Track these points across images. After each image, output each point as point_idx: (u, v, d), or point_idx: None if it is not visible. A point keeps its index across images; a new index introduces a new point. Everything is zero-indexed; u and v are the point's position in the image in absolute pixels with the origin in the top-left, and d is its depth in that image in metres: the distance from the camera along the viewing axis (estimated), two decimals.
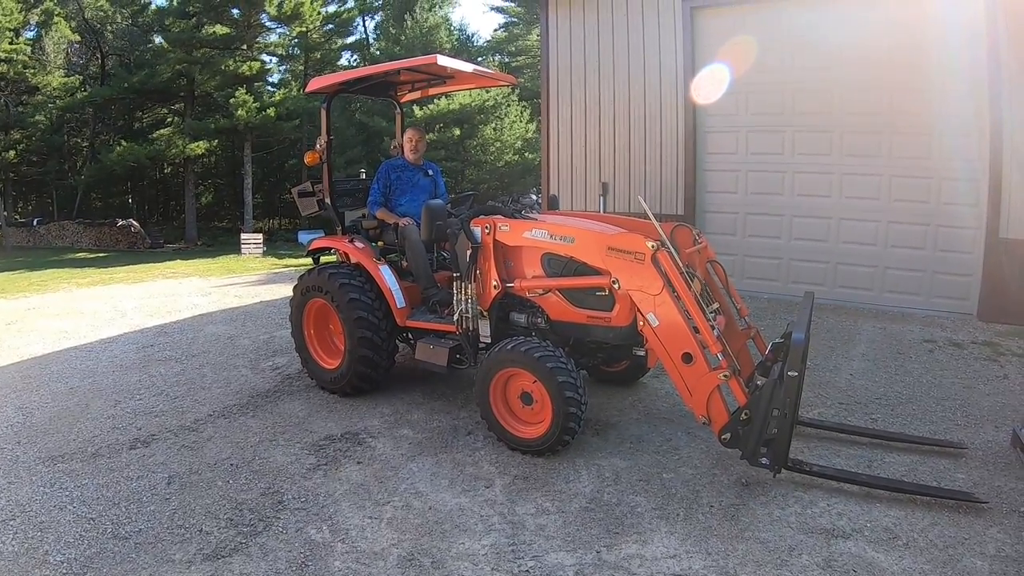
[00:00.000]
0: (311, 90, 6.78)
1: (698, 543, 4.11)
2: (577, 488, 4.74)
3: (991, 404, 6.32)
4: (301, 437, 5.60)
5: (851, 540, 4.16)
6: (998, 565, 3.96)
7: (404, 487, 4.77)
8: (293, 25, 37.58)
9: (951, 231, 9.23)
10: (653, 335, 4.82)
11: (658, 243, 4.81)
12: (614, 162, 11.40)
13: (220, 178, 46.09)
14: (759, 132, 10.32)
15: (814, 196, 10.00)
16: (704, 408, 4.69)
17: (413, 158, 6.90)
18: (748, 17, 10.29)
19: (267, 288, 12.67)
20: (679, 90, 10.70)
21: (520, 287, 5.50)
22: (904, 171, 9.43)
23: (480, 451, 5.32)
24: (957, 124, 9.05)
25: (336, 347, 6.65)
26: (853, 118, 9.65)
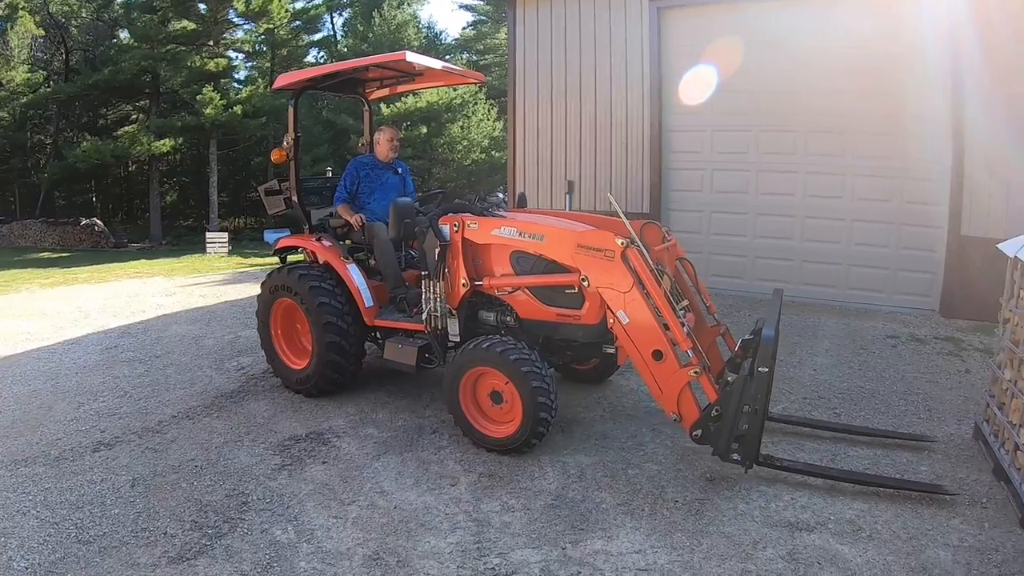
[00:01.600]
0: (278, 86, 6.69)
1: (663, 538, 4.13)
2: (542, 485, 4.74)
3: (953, 398, 6.41)
4: (266, 437, 5.56)
5: (815, 533, 4.21)
6: (961, 555, 4.03)
7: (369, 486, 4.75)
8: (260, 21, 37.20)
9: (914, 229, 9.38)
10: (623, 332, 4.81)
11: (628, 240, 4.81)
12: (580, 160, 11.44)
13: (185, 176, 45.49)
14: (725, 131, 10.41)
15: (779, 195, 10.10)
16: (675, 405, 4.70)
17: (388, 156, 6.81)
18: (715, 18, 10.37)
19: (232, 288, 12.55)
20: (645, 89, 10.75)
21: (489, 285, 5.46)
22: (868, 171, 9.57)
23: (445, 449, 5.31)
24: (920, 125, 9.21)
25: (304, 347, 6.57)
26: (818, 118, 9.76)
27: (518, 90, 11.97)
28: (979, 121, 8.81)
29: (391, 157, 6.84)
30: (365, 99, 7.67)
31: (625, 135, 10.98)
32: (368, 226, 6.28)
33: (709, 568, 3.86)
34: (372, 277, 6.33)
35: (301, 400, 6.30)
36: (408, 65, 6.22)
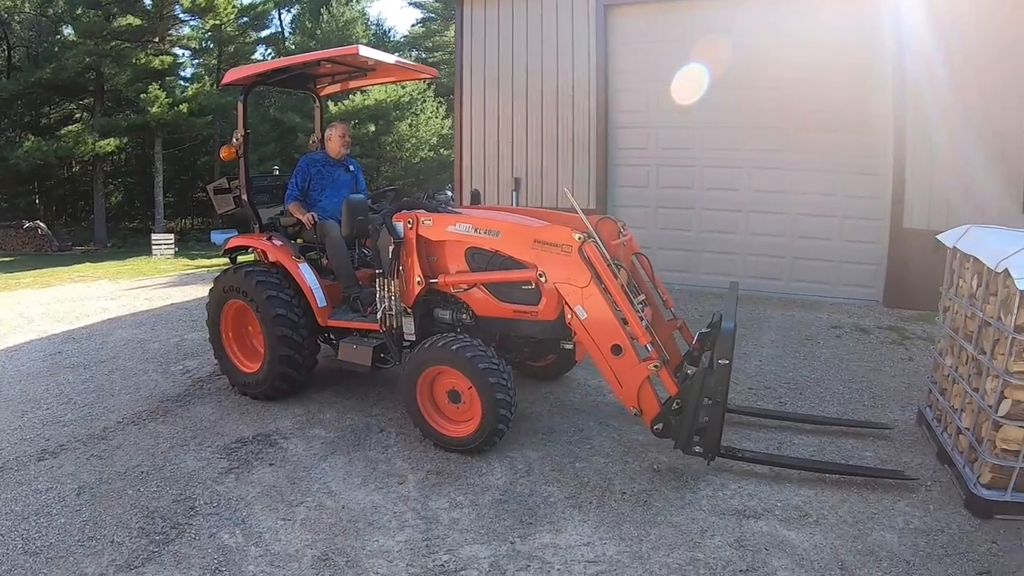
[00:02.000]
0: (227, 82, 6.56)
1: (611, 529, 4.16)
2: (490, 481, 4.75)
3: (897, 385, 6.55)
4: (212, 441, 5.49)
5: (762, 520, 4.28)
6: (907, 537, 4.13)
7: (317, 487, 4.72)
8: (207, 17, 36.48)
9: (857, 222, 9.59)
10: (582, 328, 4.80)
11: (585, 235, 4.79)
12: (527, 157, 11.48)
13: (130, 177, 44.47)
14: (669, 128, 10.54)
15: (724, 190, 10.26)
16: (635, 399, 4.70)
17: (340, 153, 6.72)
18: (660, 16, 10.49)
19: (178, 290, 12.37)
20: (592, 86, 10.84)
21: (444, 283, 5.42)
22: (811, 165, 9.78)
23: (393, 448, 5.29)
24: (862, 121, 9.48)
25: (255, 349, 6.45)
26: (762, 115, 9.94)
27: (465, 87, 11.97)
28: (920, 116, 9.09)
29: (343, 154, 6.75)
30: (316, 95, 7.56)
31: (571, 132, 11.04)
32: (320, 224, 6.20)
33: (658, 557, 3.90)
34: (324, 276, 6.23)
35: (248, 402, 6.22)
36: (361, 60, 6.16)
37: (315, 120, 7.76)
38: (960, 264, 5.29)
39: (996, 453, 4.31)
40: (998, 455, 4.30)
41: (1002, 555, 4.01)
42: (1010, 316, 4.25)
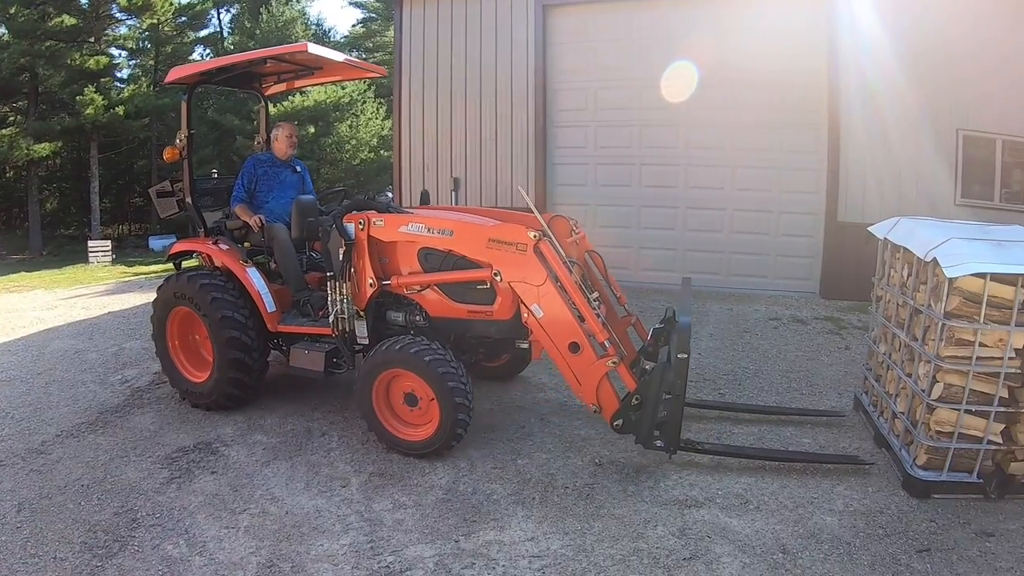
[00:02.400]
0: (171, 80, 6.28)
1: (555, 524, 4.19)
2: (433, 480, 4.75)
3: (834, 373, 6.70)
4: (153, 451, 5.39)
5: (704, 508, 4.35)
6: (846, 519, 4.26)
7: (260, 493, 4.68)
8: (144, 17, 35.55)
9: (793, 217, 9.82)
10: (538, 326, 4.78)
11: (540, 233, 4.76)
12: (466, 157, 11.48)
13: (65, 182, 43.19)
14: (608, 127, 10.65)
15: (662, 187, 10.40)
16: (594, 396, 4.70)
17: (287, 154, 6.54)
18: (599, 16, 10.59)
19: (116, 298, 12.09)
20: (531, 86, 10.88)
21: (397, 284, 5.32)
22: (748, 162, 9.99)
23: (335, 451, 5.26)
24: (797, 118, 9.73)
25: (203, 358, 6.24)
26: (699, 113, 10.10)
27: (404, 88, 11.89)
28: (854, 113, 9.39)
29: (289, 154, 6.58)
30: (261, 94, 7.33)
31: (511, 132, 11.08)
32: (268, 227, 6.04)
33: (601, 550, 3.94)
34: (273, 281, 6.07)
35: (188, 410, 6.12)
36: (309, 58, 6.03)
37: (260, 120, 7.54)
38: (891, 255, 5.45)
39: (931, 435, 4.47)
40: (933, 437, 4.47)
41: (940, 533, 4.16)
42: (940, 303, 4.40)
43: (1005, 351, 4.30)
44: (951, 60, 9.23)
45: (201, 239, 6.40)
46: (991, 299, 4.26)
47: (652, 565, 3.82)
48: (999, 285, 4.25)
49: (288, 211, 6.03)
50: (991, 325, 4.29)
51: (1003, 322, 4.28)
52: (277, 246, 5.98)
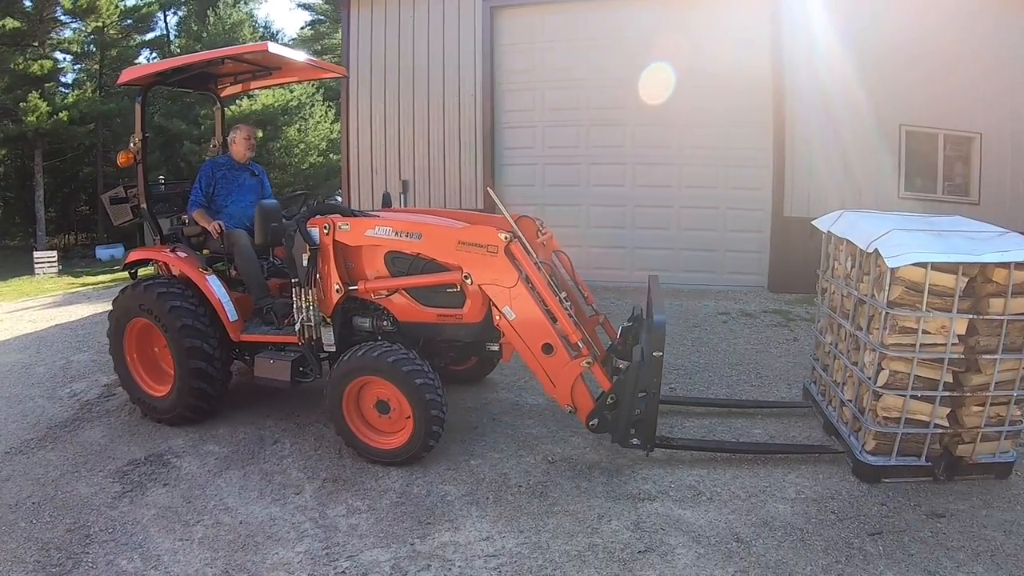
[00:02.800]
0: (124, 81, 6.05)
1: (509, 523, 4.21)
2: (386, 484, 4.73)
3: (783, 365, 6.80)
4: (104, 465, 5.29)
5: (657, 501, 4.40)
6: (799, 507, 4.34)
7: (213, 504, 4.62)
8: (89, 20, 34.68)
9: (740, 213, 9.99)
10: (511, 328, 4.73)
11: (511, 235, 4.71)
12: (414, 159, 11.45)
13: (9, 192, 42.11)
14: (555, 127, 10.72)
15: (609, 186, 10.51)
16: (569, 397, 4.68)
17: (245, 156, 6.36)
18: (547, 17, 10.65)
19: (63, 310, 11.85)
20: (478, 87, 10.90)
21: (365, 289, 5.19)
22: (695, 160, 10.15)
23: (288, 459, 5.20)
24: (743, 116, 9.90)
25: (164, 371, 6.00)
26: (645, 112, 10.22)
27: (352, 91, 11.82)
28: (798, 111, 9.62)
29: (248, 157, 6.40)
30: (217, 96, 7.13)
31: (459, 133, 11.09)
32: (227, 233, 5.85)
33: (557, 546, 3.97)
34: (234, 289, 5.87)
35: (138, 422, 6.01)
36: (270, 57, 5.87)
37: (216, 123, 7.30)
38: (835, 247, 5.56)
39: (879, 421, 4.58)
40: (880, 423, 4.58)
41: (891, 516, 4.27)
42: (883, 293, 4.51)
43: (948, 337, 4.41)
44: (895, 59, 9.56)
45: (157, 247, 6.16)
46: (933, 287, 4.37)
47: (607, 559, 3.85)
48: (940, 274, 4.35)
49: (248, 216, 5.93)
50: (933, 313, 4.40)
51: (945, 309, 4.40)
52: (238, 252, 5.81)
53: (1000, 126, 10.02)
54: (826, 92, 9.61)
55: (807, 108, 9.71)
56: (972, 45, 9.75)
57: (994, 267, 4.34)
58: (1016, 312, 4.40)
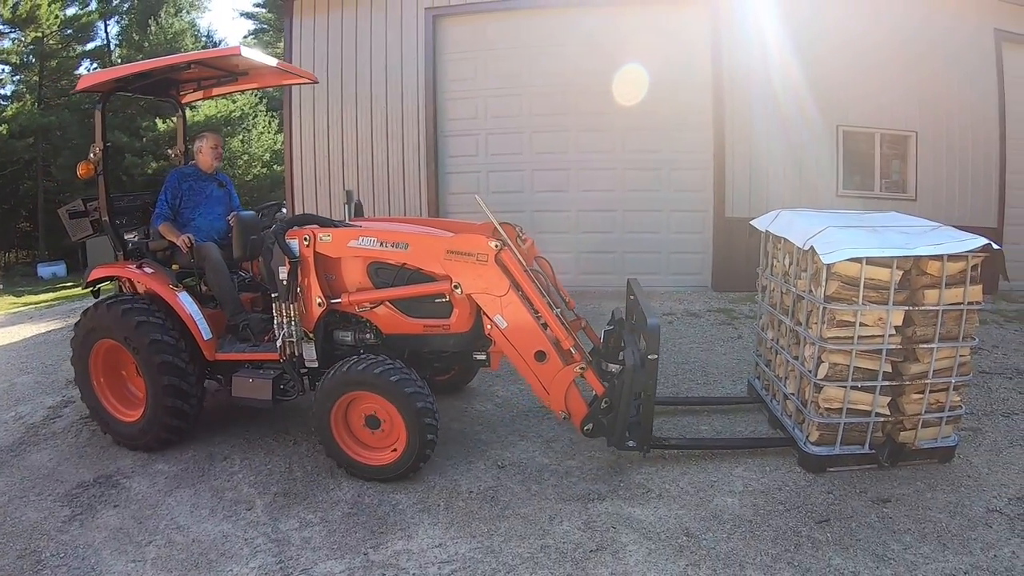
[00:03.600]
0: (83, 88, 5.68)
1: (461, 529, 4.23)
2: (338, 495, 4.72)
3: (728, 362, 6.92)
4: (52, 489, 5.19)
5: (607, 501, 4.46)
6: (747, 499, 4.44)
7: (165, 524, 4.56)
8: (28, 29, 33.93)
9: (683, 215, 10.15)
10: (502, 337, 4.68)
11: (501, 243, 4.66)
12: (358, 168, 11.38)
13: None
14: (498, 134, 10.76)
15: (554, 192, 10.58)
16: (563, 403, 4.65)
17: (212, 166, 6.14)
18: (488, 26, 10.69)
19: (5, 331, 11.55)
20: (421, 96, 10.88)
21: (348, 302, 5.04)
22: (636, 164, 10.28)
23: (238, 475, 5.15)
24: (684, 119, 10.06)
25: (133, 395, 5.77)
26: (588, 118, 10.33)
27: (295, 100, 11.70)
28: (738, 113, 9.85)
29: (215, 167, 6.18)
30: (178, 102, 6.79)
31: (402, 142, 11.06)
32: (198, 247, 5.61)
33: (509, 549, 4.00)
34: (205, 305, 5.62)
35: (86, 444, 5.90)
36: (242, 62, 5.68)
37: (178, 131, 7.00)
38: (773, 246, 5.69)
39: (821, 413, 4.70)
40: (823, 414, 4.70)
41: (838, 503, 4.40)
42: (820, 288, 4.63)
43: (885, 329, 4.56)
44: (831, 61, 9.84)
45: (120, 263, 5.85)
46: (868, 281, 4.51)
47: (560, 560, 3.90)
48: (875, 268, 4.49)
49: (217, 228, 5.82)
50: (870, 306, 4.53)
51: (881, 302, 4.54)
52: (210, 267, 5.59)
53: (935, 124, 10.34)
54: (765, 94, 9.83)
55: (747, 110, 9.91)
56: (906, 45, 10.07)
57: (928, 260, 4.49)
58: (951, 302, 4.56)
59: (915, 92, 10.24)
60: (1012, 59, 10.46)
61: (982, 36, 10.35)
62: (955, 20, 10.24)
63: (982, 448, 5.21)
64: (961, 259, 4.53)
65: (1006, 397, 6.27)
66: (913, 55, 10.10)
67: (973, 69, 10.32)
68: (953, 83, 10.26)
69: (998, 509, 4.35)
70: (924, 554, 3.89)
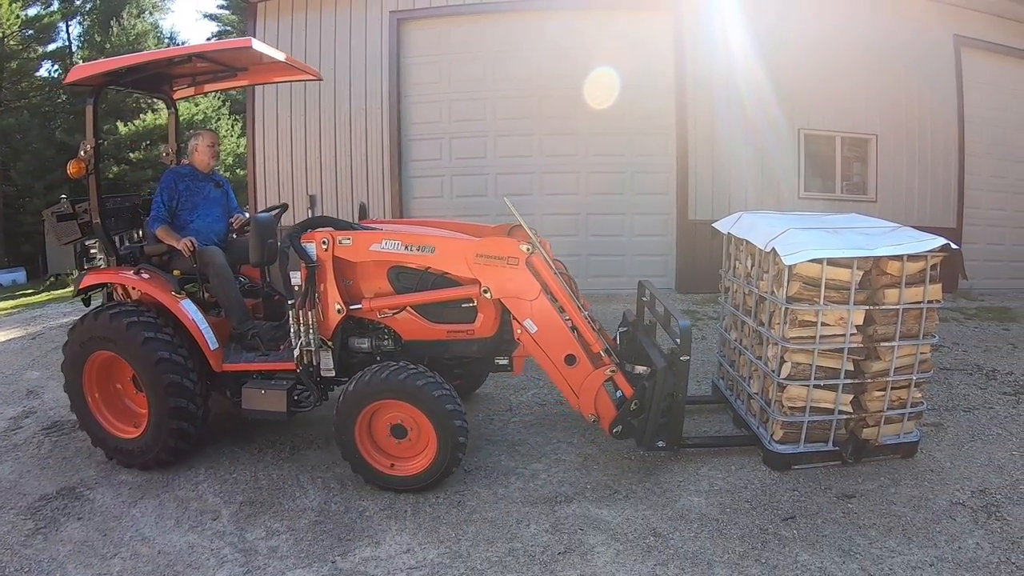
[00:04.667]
0: (74, 79, 5.25)
1: (429, 534, 4.22)
2: (304, 503, 4.69)
3: (692, 363, 6.93)
4: (15, 502, 5.08)
5: (574, 503, 4.47)
6: (713, 498, 4.49)
7: (130, 535, 4.50)
8: None
9: (646, 218, 10.22)
10: (532, 342, 4.61)
11: (531, 246, 4.59)
12: (321, 173, 11.27)
13: None
14: (462, 138, 10.72)
15: (516, 195, 10.48)
16: (592, 407, 4.61)
17: (209, 166, 5.86)
18: (452, 29, 10.68)
19: None
20: (385, 99, 10.83)
21: (370, 308, 4.87)
22: (600, 168, 10.32)
23: (203, 484, 5.07)
24: (647, 123, 10.13)
25: (131, 410, 5.47)
26: (552, 122, 10.36)
27: (258, 103, 11.57)
28: (700, 118, 9.94)
29: (212, 166, 5.91)
30: (170, 98, 6.45)
31: (365, 146, 10.99)
32: (200, 251, 5.37)
33: (477, 553, 4.00)
34: (208, 312, 5.36)
35: (48, 455, 5.77)
36: (251, 55, 5.41)
37: (170, 128, 6.65)
38: (736, 248, 5.75)
39: (785, 411, 4.76)
40: (787, 413, 4.76)
41: (803, 500, 4.46)
42: (782, 289, 4.69)
43: (847, 328, 4.62)
44: (793, 65, 9.97)
45: (113, 269, 5.52)
46: (829, 282, 4.57)
47: (529, 563, 3.91)
48: (836, 268, 4.56)
49: (216, 231, 5.63)
50: (831, 306, 4.60)
51: (842, 302, 4.61)
52: (215, 272, 5.35)
53: (895, 127, 10.54)
54: (728, 99, 9.94)
55: (710, 114, 10.01)
56: (867, 50, 10.25)
57: (888, 260, 4.56)
58: (911, 301, 4.64)
59: (875, 96, 10.43)
60: (971, 64, 10.70)
61: (942, 41, 10.58)
62: (915, 25, 10.43)
63: (944, 443, 5.29)
64: (920, 259, 4.61)
65: (966, 393, 6.38)
66: (874, 60, 10.28)
67: (933, 74, 10.54)
68: (913, 87, 10.46)
69: (961, 502, 4.44)
70: (890, 548, 3.95)
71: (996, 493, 4.56)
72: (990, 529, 4.15)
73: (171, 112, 6.59)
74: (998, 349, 7.82)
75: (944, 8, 10.52)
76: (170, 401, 4.98)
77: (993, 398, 6.28)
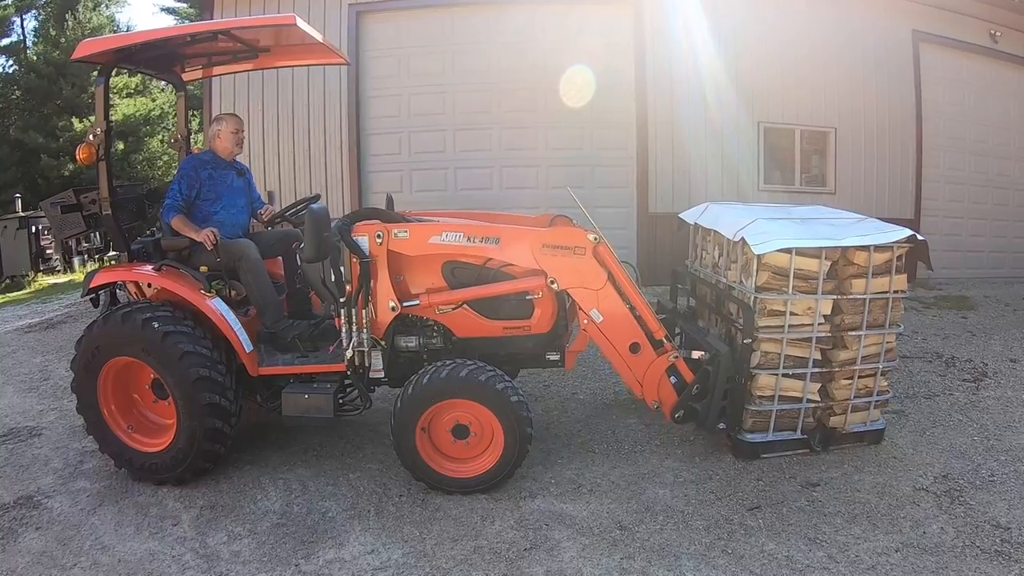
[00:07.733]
0: (81, 56, 4.78)
1: (393, 534, 4.17)
2: (266, 506, 4.59)
3: None
4: None
5: (539, 498, 4.45)
6: (678, 489, 4.50)
7: (89, 544, 4.38)
8: None
9: (606, 211, 10.15)
10: (598, 331, 4.58)
11: (598, 235, 4.55)
12: (279, 168, 11.06)
13: None
14: (421, 132, 10.61)
15: (476, 189, 10.48)
16: (656, 394, 4.62)
17: (232, 153, 5.49)
18: (411, 23, 10.57)
19: None
20: (343, 94, 10.69)
21: (429, 303, 4.66)
22: (561, 161, 10.25)
23: (162, 489, 4.90)
24: (607, 117, 10.08)
25: (151, 421, 5.06)
26: (511, 115, 10.29)
27: (215, 98, 11.21)
28: (660, 112, 9.96)
29: (235, 154, 5.52)
30: (180, 79, 6.03)
31: (324, 141, 10.81)
32: (226, 244, 5.00)
33: (443, 552, 3.96)
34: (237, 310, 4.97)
35: (4, 463, 5.55)
36: (292, 34, 5.13)
37: (179, 111, 6.32)
38: (702, 238, 5.76)
39: (754, 400, 4.77)
40: (755, 402, 4.77)
41: (768, 489, 4.48)
42: (751, 278, 4.72)
43: (815, 318, 4.67)
44: (752, 58, 10.02)
45: (127, 266, 5.13)
46: (798, 271, 4.61)
47: (494, 560, 3.87)
48: (804, 258, 4.60)
49: (240, 223, 5.40)
50: (799, 296, 4.64)
51: (810, 292, 4.66)
52: (247, 268, 5.01)
53: (854, 120, 10.61)
54: (688, 92, 9.95)
55: (669, 108, 10.01)
56: (826, 44, 10.32)
57: (855, 250, 4.63)
58: (877, 291, 4.70)
59: (834, 90, 10.49)
60: (929, 59, 10.85)
61: (900, 36, 10.70)
62: (874, 21, 10.54)
63: (906, 430, 5.35)
64: (887, 249, 4.68)
65: (927, 380, 6.45)
66: (833, 54, 10.35)
67: (891, 68, 10.65)
68: (871, 81, 10.55)
69: (924, 487, 4.49)
70: (855, 535, 3.98)
71: (959, 478, 4.62)
72: (954, 514, 4.20)
73: (180, 95, 6.21)
74: (957, 337, 7.91)
75: (903, 4, 10.65)
76: (201, 398, 4.60)
77: (953, 385, 6.36)
